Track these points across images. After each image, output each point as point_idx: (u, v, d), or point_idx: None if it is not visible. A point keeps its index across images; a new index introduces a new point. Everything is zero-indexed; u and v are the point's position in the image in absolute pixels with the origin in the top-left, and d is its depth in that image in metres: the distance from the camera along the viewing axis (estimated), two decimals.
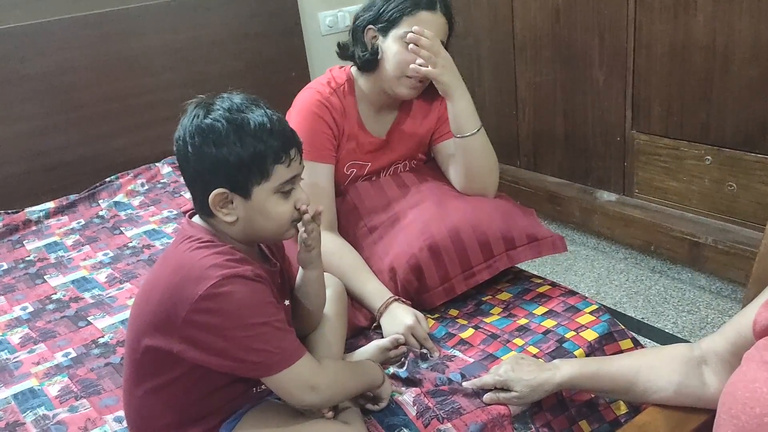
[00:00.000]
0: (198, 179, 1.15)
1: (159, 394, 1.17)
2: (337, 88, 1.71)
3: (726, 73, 2.17)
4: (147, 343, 1.14)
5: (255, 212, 1.15)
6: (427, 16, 1.59)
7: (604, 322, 1.48)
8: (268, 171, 1.13)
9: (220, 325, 1.08)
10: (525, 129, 2.98)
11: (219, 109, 1.13)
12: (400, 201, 1.67)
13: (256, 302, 1.10)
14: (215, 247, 1.13)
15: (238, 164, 1.11)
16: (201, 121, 1.13)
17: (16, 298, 2.03)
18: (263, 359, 1.10)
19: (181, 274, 1.10)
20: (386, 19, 1.61)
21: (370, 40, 1.66)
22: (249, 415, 1.20)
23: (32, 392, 1.57)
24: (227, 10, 2.99)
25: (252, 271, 1.11)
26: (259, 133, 1.12)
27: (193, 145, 1.12)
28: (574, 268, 2.64)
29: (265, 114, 1.14)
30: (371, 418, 1.28)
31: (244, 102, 1.16)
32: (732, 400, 0.95)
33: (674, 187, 2.46)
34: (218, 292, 1.07)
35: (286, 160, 1.14)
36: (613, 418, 1.39)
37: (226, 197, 1.13)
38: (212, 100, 1.17)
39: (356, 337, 1.57)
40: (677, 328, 2.23)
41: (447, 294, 1.59)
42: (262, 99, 1.19)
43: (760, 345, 0.98)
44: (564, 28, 2.64)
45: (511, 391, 1.27)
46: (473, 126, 1.67)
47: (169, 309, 1.10)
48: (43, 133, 2.67)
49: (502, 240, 1.58)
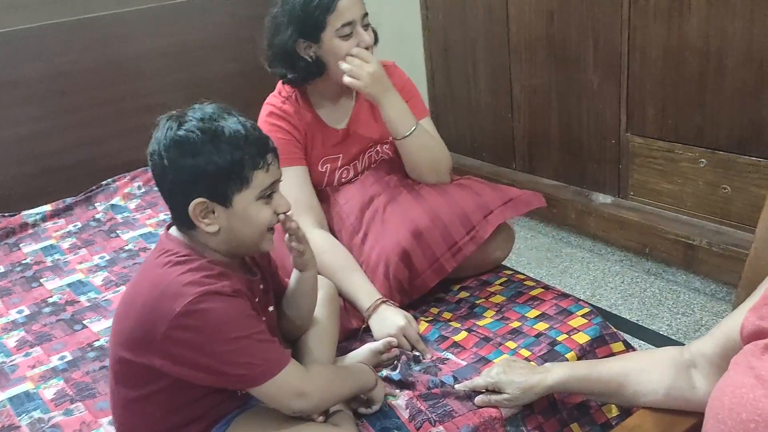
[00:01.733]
0: (177, 192, 1.14)
1: (143, 404, 1.18)
2: (288, 95, 1.76)
3: (720, 76, 2.18)
4: (127, 358, 1.14)
5: (236, 220, 1.15)
6: (344, 2, 1.61)
7: (595, 325, 1.49)
8: (247, 178, 1.13)
9: (200, 341, 1.08)
10: (520, 131, 2.99)
11: (192, 120, 1.13)
12: (380, 197, 1.70)
13: (235, 317, 1.10)
14: (192, 263, 1.13)
15: (217, 173, 1.11)
16: (175, 133, 1.12)
17: (12, 301, 2.03)
18: (246, 372, 1.10)
19: (158, 291, 1.10)
20: (311, 26, 1.63)
21: (305, 52, 1.68)
22: (238, 420, 1.20)
23: (27, 396, 1.58)
24: (222, 14, 3.00)
25: (229, 287, 1.11)
26: (235, 141, 1.12)
27: (169, 157, 1.12)
28: (570, 271, 2.65)
29: (238, 121, 1.14)
30: (364, 422, 1.29)
31: (217, 111, 1.16)
32: (719, 405, 0.95)
33: (669, 189, 2.47)
34: (196, 308, 1.07)
35: (264, 166, 1.15)
36: (605, 420, 1.40)
37: (207, 207, 1.13)
38: (184, 112, 1.16)
39: (349, 340, 1.58)
40: (672, 331, 2.24)
41: (438, 274, 1.61)
42: (233, 107, 1.19)
43: (746, 350, 0.98)
44: (559, 30, 2.65)
45: (502, 393, 1.28)
46: (407, 128, 1.70)
47: (148, 326, 1.09)
48: (39, 137, 2.68)
49: (477, 209, 1.62)
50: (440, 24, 3.21)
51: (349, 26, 1.62)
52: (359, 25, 1.64)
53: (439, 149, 1.78)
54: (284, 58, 1.70)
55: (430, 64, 3.35)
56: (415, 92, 1.85)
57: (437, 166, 1.77)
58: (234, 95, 3.03)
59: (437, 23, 3.23)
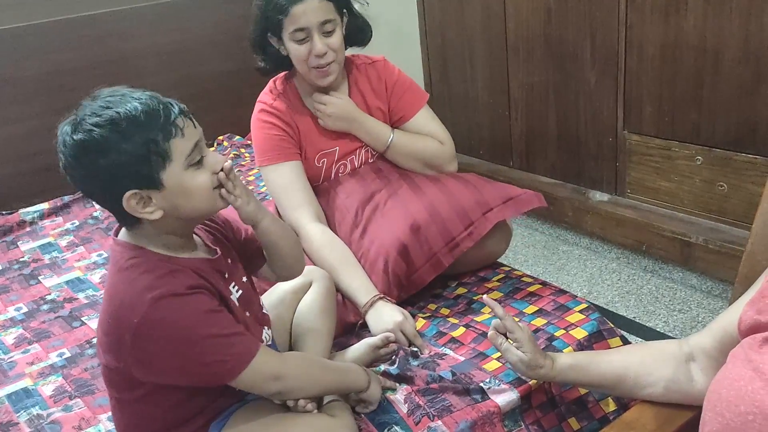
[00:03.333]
0: (106, 194, 1.09)
1: (138, 405, 1.17)
2: (279, 93, 1.79)
3: (716, 73, 2.18)
4: (109, 365, 1.14)
5: (176, 196, 1.08)
6: (300, 8, 1.63)
7: (593, 321, 1.49)
8: (165, 151, 1.06)
9: (167, 347, 1.07)
10: (518, 129, 2.99)
11: (85, 118, 1.06)
12: (381, 191, 1.71)
13: (195, 317, 1.07)
14: (143, 264, 1.09)
15: (133, 160, 1.04)
16: (72, 138, 1.06)
17: (11, 298, 2.04)
18: (218, 369, 1.10)
19: (117, 302, 1.08)
20: (273, 26, 1.68)
21: (276, 44, 1.73)
22: (237, 415, 1.21)
23: (26, 392, 1.58)
24: (219, 12, 3.00)
25: (182, 285, 1.08)
26: (136, 121, 1.04)
27: (81, 164, 1.06)
28: (567, 268, 2.66)
29: (133, 99, 1.07)
30: (362, 416, 1.29)
31: (107, 99, 1.08)
32: (717, 397, 0.96)
33: (666, 187, 2.47)
34: (154, 318, 1.04)
35: (178, 132, 1.07)
36: (602, 415, 1.40)
37: (141, 196, 1.07)
38: (75, 113, 1.10)
39: (347, 335, 1.58)
40: (668, 327, 2.24)
41: (435, 269, 1.61)
42: (125, 86, 1.13)
43: (745, 343, 0.99)
44: (556, 28, 2.65)
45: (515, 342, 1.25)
46: (383, 144, 1.79)
47: (117, 336, 1.08)
48: (36, 135, 2.67)
49: (477, 205, 1.62)
50: (438, 22, 3.21)
51: (302, 32, 1.65)
52: (315, 32, 1.65)
53: (430, 147, 1.80)
54: (257, 46, 1.77)
55: (427, 61, 3.36)
56: (408, 84, 1.86)
57: (432, 161, 1.79)
58: (230, 93, 3.06)
59: (435, 21, 3.23)
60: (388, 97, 1.84)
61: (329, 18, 1.66)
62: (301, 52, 1.67)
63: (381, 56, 1.88)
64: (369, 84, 1.83)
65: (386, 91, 1.84)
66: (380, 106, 1.83)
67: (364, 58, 1.86)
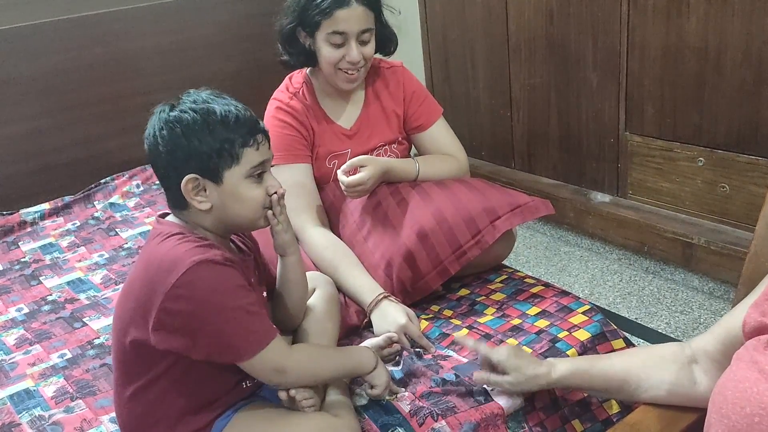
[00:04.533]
0: (171, 171, 1.17)
1: (147, 393, 1.19)
2: (296, 92, 1.78)
3: (718, 75, 2.18)
4: (130, 339, 1.16)
5: (228, 197, 1.18)
6: (344, 13, 1.62)
7: (596, 322, 1.49)
8: (237, 155, 1.17)
9: (193, 310, 1.10)
10: (519, 130, 2.99)
11: (185, 102, 1.18)
12: (388, 195, 1.69)
13: (227, 287, 1.13)
14: (184, 238, 1.16)
15: (208, 151, 1.15)
16: (168, 114, 1.17)
17: (12, 299, 2.03)
18: (236, 343, 1.13)
19: (153, 267, 1.13)
20: (309, 23, 1.66)
21: (304, 40, 1.71)
22: (241, 412, 1.21)
23: (28, 393, 1.58)
24: (221, 12, 3.00)
25: (222, 256, 1.14)
26: (227, 121, 1.16)
27: (163, 138, 1.16)
28: (569, 269, 2.66)
29: (230, 103, 1.19)
30: (365, 417, 1.29)
31: (210, 95, 1.20)
32: (722, 399, 0.96)
33: (667, 188, 2.47)
34: (190, 279, 1.09)
35: (254, 144, 1.18)
36: (606, 417, 1.40)
37: (198, 183, 1.16)
38: (178, 97, 1.20)
39: (349, 336, 1.58)
40: (670, 329, 2.24)
41: (441, 276, 1.60)
42: (227, 94, 1.23)
43: (749, 345, 0.99)
44: (558, 29, 2.65)
45: (505, 376, 1.27)
46: (413, 176, 1.75)
47: (146, 302, 1.12)
48: (38, 135, 2.67)
49: (484, 213, 1.60)
50: (439, 22, 3.21)
51: (341, 36, 1.64)
52: (353, 39, 1.64)
53: (448, 168, 1.80)
54: (285, 39, 1.74)
55: (429, 62, 3.36)
56: (425, 94, 1.87)
57: (451, 175, 1.79)
58: (232, 93, 3.05)
59: (436, 21, 3.23)
60: (406, 104, 1.84)
61: (369, 27, 1.66)
62: (333, 55, 1.66)
63: (399, 62, 1.88)
64: (386, 88, 1.83)
65: (404, 97, 1.83)
66: (396, 111, 1.83)
67: (381, 62, 1.85)
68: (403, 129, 1.86)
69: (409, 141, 1.91)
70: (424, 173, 1.76)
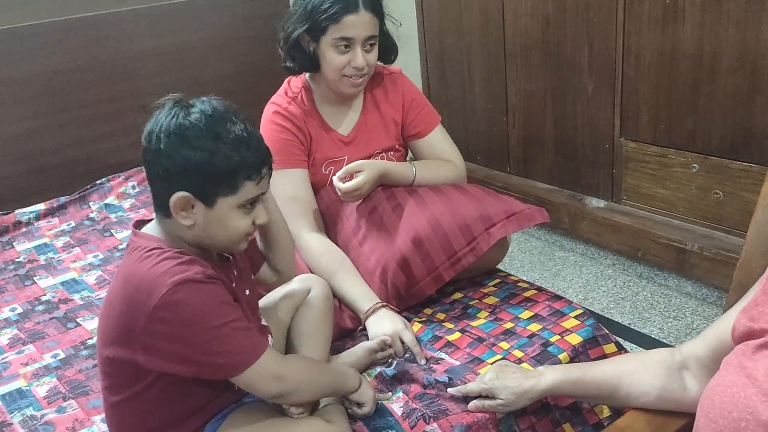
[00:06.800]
0: (165, 177, 1.12)
1: (135, 402, 1.17)
2: (294, 96, 1.78)
3: (713, 81, 2.19)
4: (113, 356, 1.14)
5: (213, 221, 1.14)
6: (352, 19, 1.63)
7: (588, 327, 1.50)
8: (237, 186, 1.12)
9: (179, 332, 1.07)
10: (515, 135, 3.00)
11: (199, 113, 1.11)
12: (383, 201, 1.69)
13: (211, 305, 1.09)
14: (163, 254, 1.11)
15: (209, 172, 1.10)
16: (180, 120, 1.10)
17: (6, 299, 2.03)
18: (226, 361, 1.10)
19: (132, 286, 1.09)
20: (315, 28, 1.66)
21: (307, 45, 1.71)
22: (233, 415, 1.21)
23: (20, 393, 1.58)
24: (219, 14, 3.01)
25: (202, 273, 1.10)
26: (236, 145, 1.10)
27: (168, 142, 1.09)
28: (563, 274, 2.66)
29: (244, 128, 1.13)
30: (358, 421, 1.29)
31: (225, 110, 1.14)
32: (710, 404, 0.96)
33: (662, 194, 2.48)
34: (172, 300, 1.06)
35: (257, 178, 1.14)
36: (596, 421, 1.41)
37: (188, 201, 1.12)
38: (192, 101, 1.15)
39: (343, 339, 1.58)
40: (663, 334, 2.25)
41: (436, 283, 1.61)
42: (242, 110, 1.18)
43: (738, 350, 0.99)
44: (554, 35, 2.66)
45: (496, 398, 1.28)
46: (410, 179, 1.75)
47: (128, 321, 1.09)
48: (34, 136, 2.67)
49: (480, 220, 1.60)
50: (436, 27, 3.22)
51: (347, 42, 1.64)
52: (359, 45, 1.65)
53: (445, 174, 1.80)
54: (291, 45, 1.72)
55: (425, 67, 3.36)
56: (424, 102, 1.88)
57: (448, 180, 1.79)
58: (230, 96, 3.03)
59: (433, 27, 3.24)
60: (405, 111, 1.84)
61: (374, 34, 1.67)
62: (338, 61, 1.66)
63: (398, 68, 1.88)
64: (385, 95, 1.84)
65: (403, 104, 1.84)
66: (394, 117, 1.84)
67: (380, 68, 1.85)
68: (400, 136, 1.87)
69: (405, 148, 1.91)
70: (421, 177, 1.76)
